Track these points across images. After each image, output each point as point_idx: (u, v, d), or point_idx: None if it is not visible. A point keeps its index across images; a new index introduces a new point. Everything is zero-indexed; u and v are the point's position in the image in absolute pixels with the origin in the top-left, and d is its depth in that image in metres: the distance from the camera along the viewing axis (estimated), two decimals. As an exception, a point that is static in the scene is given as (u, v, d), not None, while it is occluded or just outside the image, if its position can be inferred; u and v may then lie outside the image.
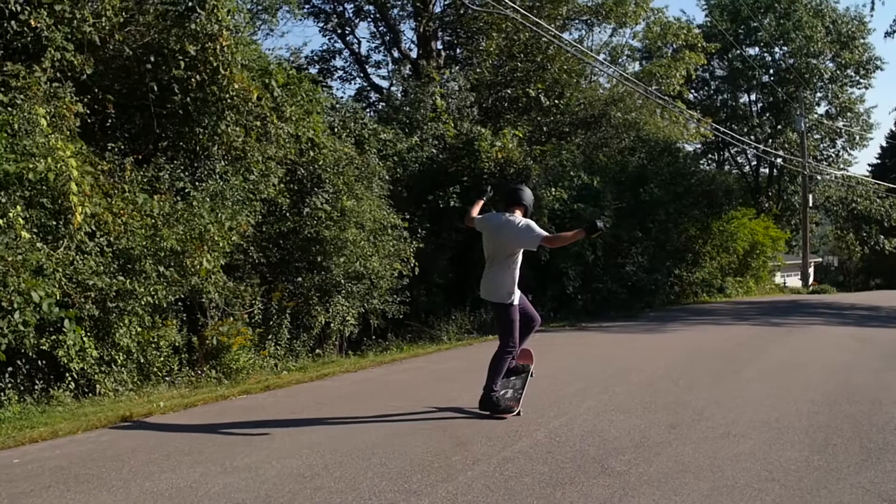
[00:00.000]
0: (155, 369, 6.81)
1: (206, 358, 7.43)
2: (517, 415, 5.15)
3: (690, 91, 33.44)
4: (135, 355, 6.61)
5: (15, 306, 5.44)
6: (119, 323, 6.42)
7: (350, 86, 28.28)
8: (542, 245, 5.24)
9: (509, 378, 5.45)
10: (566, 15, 20.68)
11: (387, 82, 22.75)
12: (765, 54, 36.92)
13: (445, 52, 20.63)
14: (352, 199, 9.52)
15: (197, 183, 7.83)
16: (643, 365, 7.61)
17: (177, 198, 7.44)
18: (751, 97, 38.75)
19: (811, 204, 31.81)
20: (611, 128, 19.16)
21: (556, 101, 19.05)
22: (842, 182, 36.85)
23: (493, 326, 8.82)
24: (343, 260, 9.27)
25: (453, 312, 11.49)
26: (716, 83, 38.63)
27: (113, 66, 7.91)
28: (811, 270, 30.84)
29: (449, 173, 12.87)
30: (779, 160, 34.58)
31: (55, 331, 5.87)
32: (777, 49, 36.24)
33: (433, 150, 13.24)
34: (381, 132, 12.07)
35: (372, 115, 15.27)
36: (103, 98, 7.56)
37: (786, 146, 35.48)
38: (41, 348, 5.80)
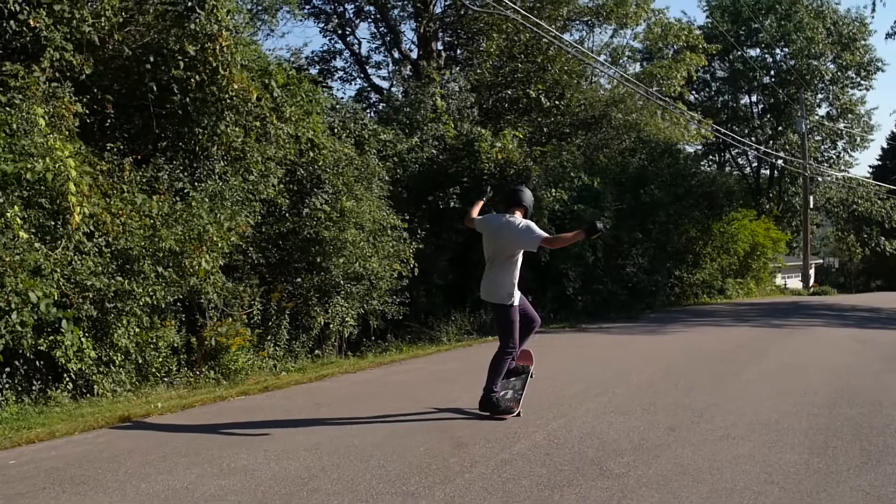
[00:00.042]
0: (153, 370, 6.79)
1: (205, 359, 7.42)
2: (517, 415, 5.14)
3: (691, 92, 33.44)
4: (133, 356, 6.59)
5: (12, 307, 5.42)
6: (117, 323, 6.40)
7: (350, 86, 28.23)
8: (542, 246, 5.26)
9: (509, 379, 5.45)
10: (567, 16, 20.65)
11: (387, 83, 22.79)
12: (766, 56, 36.98)
13: (446, 53, 20.63)
14: (351, 200, 9.51)
15: (196, 183, 7.82)
16: (643, 366, 7.59)
17: (176, 198, 7.42)
18: (752, 98, 38.80)
19: (812, 205, 31.81)
20: (611, 129, 19.14)
21: (557, 102, 19.03)
22: (843, 184, 36.85)
23: (493, 327, 8.80)
24: (342, 261, 9.25)
25: (453, 313, 11.46)
26: (717, 84, 38.66)
27: (112, 66, 7.90)
28: (812, 272, 30.81)
29: (449, 174, 12.84)
30: (780, 162, 34.55)
31: (53, 331, 5.85)
32: (778, 50, 36.29)
33: (433, 151, 13.22)
34: (381, 133, 12.06)
35: (372, 116, 15.26)
36: (102, 98, 7.55)
37: (787, 148, 35.49)
38: (39, 349, 5.78)
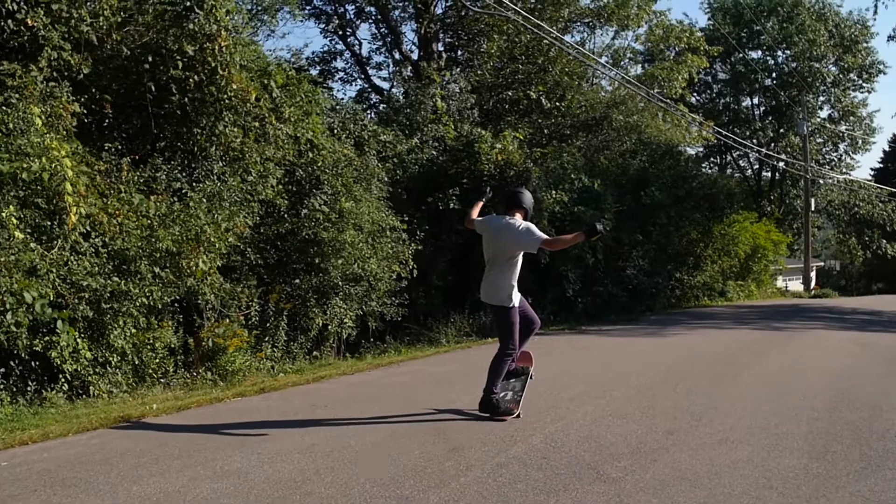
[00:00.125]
0: (150, 371, 6.76)
1: (202, 360, 7.38)
2: (517, 417, 5.14)
3: (692, 94, 33.40)
4: (130, 357, 6.55)
5: (7, 307, 5.39)
6: (113, 324, 6.36)
7: (351, 87, 28.34)
8: (542, 248, 5.25)
9: (509, 380, 5.45)
10: (568, 17, 20.63)
11: (387, 84, 22.79)
12: (767, 58, 36.94)
13: (446, 54, 20.60)
14: (350, 201, 9.47)
15: (194, 184, 7.79)
16: (643, 369, 7.55)
17: (173, 198, 7.39)
18: (753, 101, 38.74)
19: (813, 208, 31.76)
20: (612, 130, 19.11)
21: (558, 104, 19.00)
22: (844, 186, 36.82)
23: (493, 329, 8.79)
24: (341, 262, 9.21)
25: (452, 315, 11.42)
26: (718, 86, 38.63)
27: (110, 66, 7.87)
28: (813, 274, 30.73)
29: (449, 175, 12.80)
30: (781, 164, 34.50)
31: (48, 332, 5.82)
32: (780, 53, 36.26)
33: (433, 152, 13.18)
34: (381, 134, 12.02)
35: (372, 117, 15.24)
36: (100, 98, 7.52)
37: (788, 150, 35.45)
38: (34, 349, 5.75)
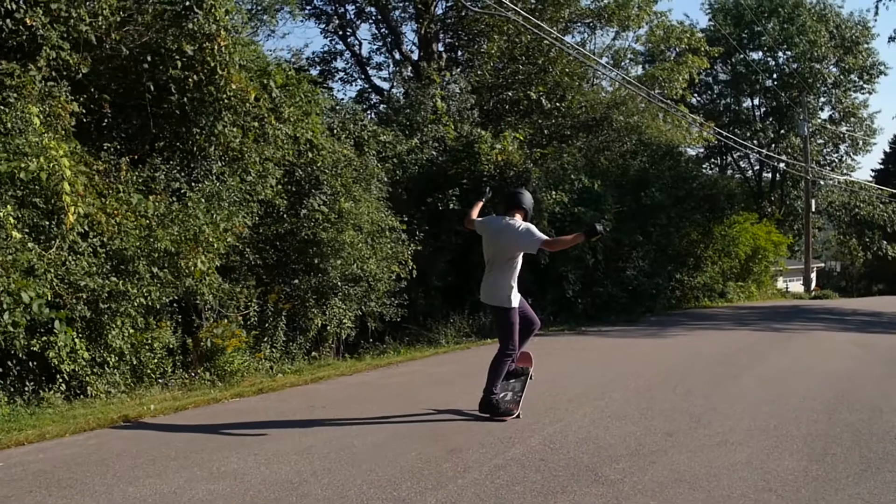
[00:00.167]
0: (148, 371, 6.74)
1: (201, 360, 7.36)
2: (517, 417, 5.14)
3: (693, 95, 33.37)
4: (128, 357, 6.53)
5: (4, 307, 5.36)
6: (111, 324, 6.34)
7: (351, 87, 28.33)
8: (542, 248, 5.25)
9: (509, 381, 5.46)
10: (568, 18, 20.60)
11: (388, 84, 22.76)
12: (768, 59, 36.91)
13: (447, 55, 20.59)
14: (350, 201, 9.45)
15: (193, 184, 7.77)
16: (642, 370, 7.53)
17: (172, 198, 7.38)
18: (754, 101, 38.71)
19: (814, 209, 31.74)
20: (612, 131, 19.10)
21: (558, 104, 18.98)
22: (845, 187, 36.77)
23: (493, 330, 8.76)
24: (340, 262, 9.19)
25: (452, 316, 11.40)
26: (719, 87, 38.61)
27: (109, 66, 7.84)
28: (813, 275, 30.70)
29: (448, 176, 12.79)
30: (781, 165, 34.49)
31: (46, 332, 5.80)
32: (780, 53, 36.23)
33: (433, 153, 13.17)
34: (381, 134, 12.00)
35: (372, 117, 15.21)
36: (99, 97, 7.50)
37: (789, 151, 35.41)
38: (32, 349, 5.72)
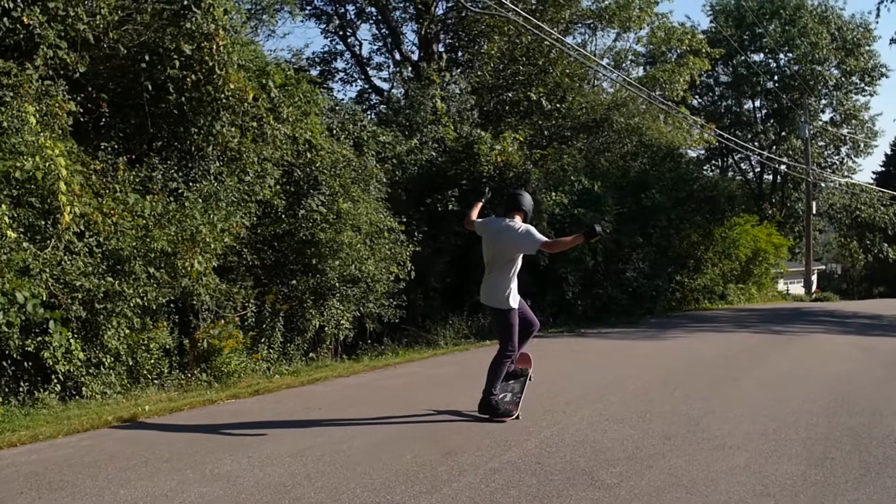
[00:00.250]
0: (145, 372, 6.70)
1: (197, 361, 7.33)
2: (516, 418, 5.13)
3: (694, 96, 33.28)
4: (123, 358, 6.49)
5: (-1, 307, 5.35)
6: (107, 325, 6.31)
7: (351, 88, 28.30)
8: (542, 250, 5.25)
9: (508, 382, 5.46)
10: (569, 19, 20.55)
11: (388, 84, 22.71)
12: (769, 60, 36.86)
13: (447, 55, 20.55)
14: (348, 202, 9.41)
15: (190, 183, 7.74)
16: (641, 372, 7.49)
17: (169, 198, 7.35)
18: (755, 103, 38.66)
19: (815, 211, 31.71)
20: (613, 132, 19.06)
21: (558, 105, 18.95)
22: (846, 189, 36.73)
23: (492, 331, 8.73)
24: (338, 263, 9.16)
25: (451, 317, 11.36)
26: (720, 89, 38.55)
27: (107, 65, 7.82)
28: (814, 278, 30.68)
29: (448, 176, 12.75)
30: (782, 167, 34.44)
31: (41, 332, 5.77)
32: (782, 55, 36.17)
33: (433, 153, 13.13)
34: (381, 134, 11.96)
35: (372, 118, 15.17)
36: (97, 97, 7.47)
37: (790, 153, 35.35)
38: (26, 350, 5.69)
